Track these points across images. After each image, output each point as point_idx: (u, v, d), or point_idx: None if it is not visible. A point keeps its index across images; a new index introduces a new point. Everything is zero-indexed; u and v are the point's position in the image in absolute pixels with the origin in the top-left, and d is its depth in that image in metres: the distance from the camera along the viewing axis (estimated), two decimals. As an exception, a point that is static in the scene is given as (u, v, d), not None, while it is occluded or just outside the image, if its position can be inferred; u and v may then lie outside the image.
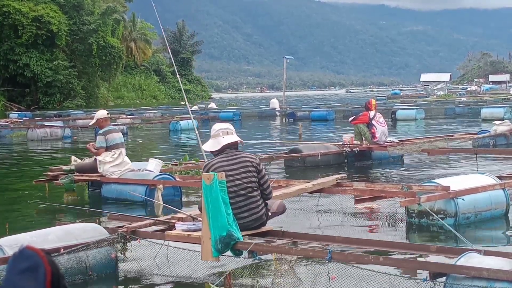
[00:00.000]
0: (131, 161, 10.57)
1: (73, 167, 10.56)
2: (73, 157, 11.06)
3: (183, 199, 9.88)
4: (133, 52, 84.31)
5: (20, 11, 57.50)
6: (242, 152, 5.93)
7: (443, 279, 4.44)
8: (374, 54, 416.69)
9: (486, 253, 4.64)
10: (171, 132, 27.76)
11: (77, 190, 10.71)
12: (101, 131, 10.25)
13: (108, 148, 10.08)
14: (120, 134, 10.51)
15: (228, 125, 6.00)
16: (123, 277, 5.84)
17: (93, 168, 10.20)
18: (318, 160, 13.15)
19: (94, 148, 10.27)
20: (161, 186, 9.43)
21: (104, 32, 63.37)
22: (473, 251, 4.66)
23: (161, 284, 5.64)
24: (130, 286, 5.71)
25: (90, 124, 12.12)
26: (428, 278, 4.47)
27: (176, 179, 9.92)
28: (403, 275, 4.57)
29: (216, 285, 4.95)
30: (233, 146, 5.85)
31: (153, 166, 10.35)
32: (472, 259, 4.41)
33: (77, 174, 10.38)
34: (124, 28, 76.38)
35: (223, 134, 5.83)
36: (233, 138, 5.85)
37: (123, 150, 10.27)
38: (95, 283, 5.63)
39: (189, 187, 10.24)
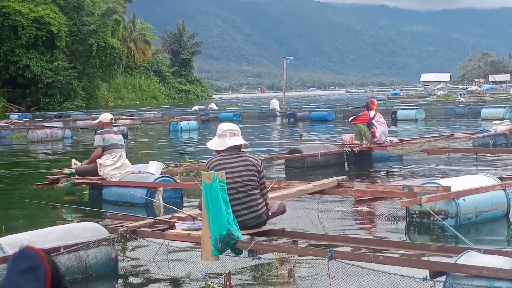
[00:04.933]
0: (132, 163, 10.58)
1: (73, 170, 10.57)
2: (73, 160, 11.06)
3: (183, 201, 9.88)
4: (133, 53, 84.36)
5: (20, 12, 57.48)
6: (245, 152, 5.99)
7: (443, 278, 4.44)
8: (374, 54, 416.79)
9: (486, 252, 4.64)
10: (171, 133, 27.77)
11: (78, 193, 10.72)
12: (99, 131, 10.39)
13: (106, 148, 10.11)
14: (120, 136, 10.56)
15: (235, 126, 6.08)
16: (123, 276, 5.84)
17: (93, 171, 10.21)
18: (318, 160, 13.14)
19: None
20: (161, 188, 9.42)
21: (104, 33, 63.38)
22: (473, 250, 4.66)
23: (161, 284, 5.64)
24: (130, 285, 5.71)
25: (93, 123, 12.34)
26: (428, 277, 4.47)
27: (177, 181, 9.92)
28: (403, 274, 4.57)
29: (216, 285, 4.95)
30: (237, 147, 5.92)
31: (153, 169, 10.35)
32: (472, 258, 4.41)
33: (78, 177, 10.39)
34: (124, 28, 76.40)
35: (230, 135, 5.91)
36: (239, 140, 5.94)
37: (123, 153, 10.29)
38: (95, 283, 5.63)
39: (190, 189, 10.23)
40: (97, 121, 10.98)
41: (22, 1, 58.95)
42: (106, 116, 10.75)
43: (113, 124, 12.15)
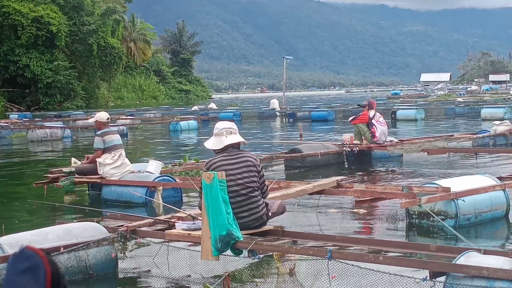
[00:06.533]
0: (131, 162, 10.57)
1: (73, 169, 10.56)
2: (73, 159, 11.05)
3: (183, 200, 9.88)
4: (132, 53, 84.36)
5: (20, 12, 57.49)
6: (244, 151, 5.94)
7: (443, 278, 4.44)
8: (374, 54, 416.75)
9: (486, 252, 4.64)
10: (171, 133, 27.77)
11: (77, 192, 10.71)
12: (98, 132, 10.29)
13: (106, 150, 10.08)
14: (118, 135, 10.53)
15: (231, 124, 6.01)
16: (123, 276, 5.84)
17: (93, 170, 10.20)
18: (318, 160, 13.14)
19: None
20: (161, 188, 9.42)
21: (104, 33, 63.38)
22: (473, 250, 4.66)
23: (160, 284, 5.64)
24: (129, 285, 5.71)
25: (89, 121, 12.23)
26: (428, 277, 4.47)
27: (176, 180, 9.91)
28: (403, 274, 4.57)
29: (215, 286, 4.94)
30: (235, 145, 5.87)
31: (153, 168, 10.35)
32: (472, 258, 4.41)
33: (77, 176, 10.38)
34: (124, 28, 76.41)
35: (226, 134, 5.85)
36: (236, 138, 5.87)
37: (123, 152, 10.27)
38: (95, 282, 5.63)
39: (189, 188, 10.22)
40: (93, 120, 10.86)
41: (22, 1, 58.95)
42: (102, 116, 10.56)
43: (112, 125, 12.06)
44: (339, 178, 8.36)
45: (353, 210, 8.31)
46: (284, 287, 5.23)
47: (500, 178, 8.17)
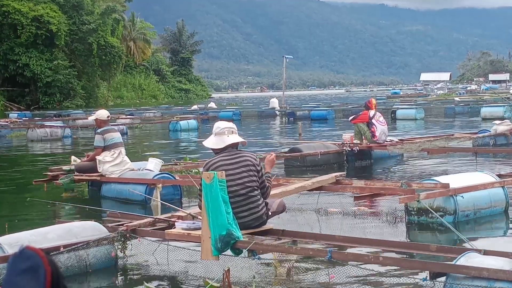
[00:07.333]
0: (131, 161, 10.57)
1: (72, 167, 10.56)
2: (72, 157, 11.05)
3: (182, 198, 9.88)
4: (132, 52, 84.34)
5: (20, 11, 57.47)
6: (243, 151, 5.95)
7: (443, 279, 4.44)
8: (374, 54, 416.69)
9: (486, 252, 4.64)
10: (171, 132, 27.77)
11: (77, 190, 10.71)
12: (99, 130, 10.28)
13: (106, 147, 10.08)
14: (118, 133, 10.53)
15: (232, 124, 6.04)
16: (122, 276, 5.84)
17: (92, 168, 10.20)
18: (318, 159, 13.14)
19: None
20: (160, 185, 9.41)
21: (104, 32, 63.37)
22: (473, 250, 4.65)
23: (160, 282, 5.63)
24: (129, 284, 5.71)
25: (89, 119, 12.21)
26: (428, 278, 4.47)
27: (176, 178, 9.91)
28: (403, 274, 4.57)
29: (215, 282, 4.94)
30: (234, 145, 5.88)
31: (152, 165, 10.35)
32: (472, 259, 4.40)
33: (77, 174, 10.37)
34: (123, 27, 76.38)
35: (228, 133, 5.86)
36: (237, 138, 5.90)
37: (123, 150, 10.27)
38: (95, 282, 5.63)
39: (189, 186, 10.22)
40: (93, 117, 10.85)
41: (21, 0, 58.93)
42: (103, 114, 10.53)
43: (112, 124, 12.04)
44: (337, 174, 8.36)
45: (352, 207, 8.30)
46: (284, 287, 5.23)
47: (499, 175, 8.18)
